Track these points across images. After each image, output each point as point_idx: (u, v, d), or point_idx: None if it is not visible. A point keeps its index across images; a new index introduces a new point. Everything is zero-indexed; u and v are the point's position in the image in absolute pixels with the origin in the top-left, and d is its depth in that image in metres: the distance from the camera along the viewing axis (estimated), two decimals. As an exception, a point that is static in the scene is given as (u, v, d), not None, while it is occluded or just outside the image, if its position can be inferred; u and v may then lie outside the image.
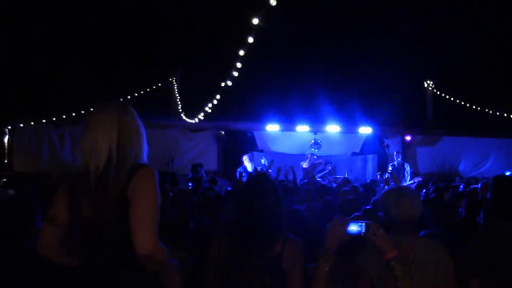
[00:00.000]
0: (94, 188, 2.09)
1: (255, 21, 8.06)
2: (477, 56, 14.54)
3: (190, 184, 8.70)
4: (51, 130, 12.47)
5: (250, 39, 8.85)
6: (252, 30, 8.35)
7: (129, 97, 13.04)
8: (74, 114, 12.35)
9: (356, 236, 2.25)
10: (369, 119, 14.04)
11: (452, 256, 2.69)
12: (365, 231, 2.21)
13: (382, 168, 13.53)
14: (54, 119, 12.37)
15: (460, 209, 6.23)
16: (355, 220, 2.28)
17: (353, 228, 2.22)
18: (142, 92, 13.32)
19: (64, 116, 12.40)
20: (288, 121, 13.91)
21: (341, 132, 14.20)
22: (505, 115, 13.81)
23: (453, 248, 3.71)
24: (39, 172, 11.79)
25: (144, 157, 2.24)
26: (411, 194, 2.55)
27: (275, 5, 7.50)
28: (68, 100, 12.98)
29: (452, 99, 14.73)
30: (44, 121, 12.35)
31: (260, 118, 13.84)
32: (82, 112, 12.11)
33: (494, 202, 3.04)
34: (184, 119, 13.39)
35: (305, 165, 12.18)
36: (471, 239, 2.92)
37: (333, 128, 13.84)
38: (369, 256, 2.43)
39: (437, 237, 4.60)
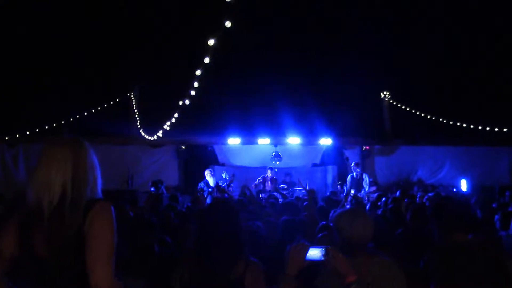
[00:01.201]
0: (48, 225, 2.06)
1: (211, 42, 8.07)
2: (431, 67, 14.99)
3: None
4: (4, 150, 12.09)
5: (207, 60, 8.86)
6: (209, 50, 8.36)
7: (86, 113, 12.80)
8: (28, 133, 12.00)
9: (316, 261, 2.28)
10: (328, 130, 14.24)
11: (407, 270, 2.76)
12: (325, 255, 2.24)
13: (342, 178, 13.74)
14: (7, 138, 11.98)
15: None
16: (315, 245, 2.31)
17: (313, 253, 2.25)
18: (99, 108, 13.08)
19: (17, 135, 12.03)
20: (249, 134, 13.94)
21: (302, 144, 14.34)
22: (458, 124, 14.29)
23: (408, 261, 3.81)
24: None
25: (99, 191, 2.23)
26: (363, 215, 2.61)
27: (231, 26, 7.52)
28: (22, 119, 12.59)
29: (407, 109, 15.13)
30: (-3, 140, 11.97)
31: (221, 131, 13.82)
32: (37, 130, 11.81)
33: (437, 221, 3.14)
34: (144, 136, 13.22)
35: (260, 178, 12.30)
36: (429, 253, 2.99)
37: (293, 140, 13.96)
38: (327, 280, 2.47)
39: (393, 250, 4.72)
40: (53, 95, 13.30)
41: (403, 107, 15.16)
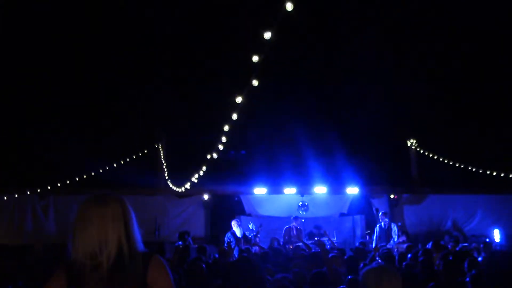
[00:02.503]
0: (108, 279, 2.17)
1: (239, 99, 8.30)
2: (458, 113, 14.93)
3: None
4: (35, 201, 12.37)
5: (235, 116, 9.09)
6: (237, 107, 8.59)
7: (115, 165, 13.07)
8: (59, 185, 12.29)
9: None
10: (355, 179, 14.14)
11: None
12: None
13: (370, 228, 13.51)
14: (38, 190, 12.28)
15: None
16: None
17: None
18: (128, 159, 13.35)
19: (48, 187, 12.33)
20: (275, 184, 13.95)
21: (328, 193, 14.23)
22: (488, 172, 14.00)
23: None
24: (21, 244, 11.62)
25: (142, 244, 2.36)
26: (390, 273, 2.58)
27: (258, 84, 7.74)
28: (53, 171, 12.94)
29: (435, 157, 14.94)
30: (28, 192, 12.25)
31: (247, 181, 13.88)
32: (68, 182, 12.08)
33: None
34: (171, 186, 13.38)
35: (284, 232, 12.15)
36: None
37: (320, 189, 13.88)
38: None
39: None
40: (82, 146, 13.69)
41: (430, 154, 14.98)
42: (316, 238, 12.39)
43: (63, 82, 13.71)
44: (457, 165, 14.53)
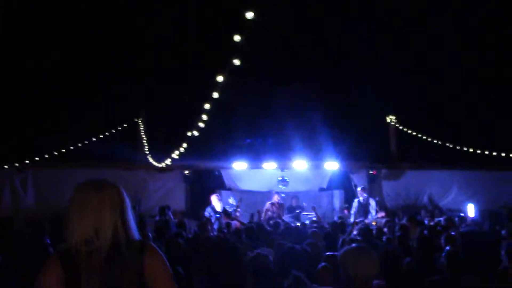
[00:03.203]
0: (103, 267, 2.15)
1: (220, 78, 8.25)
2: (437, 91, 15.08)
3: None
4: (13, 175, 12.21)
5: (216, 95, 9.05)
6: (217, 86, 8.55)
7: (94, 138, 12.94)
8: (37, 159, 12.13)
9: None
10: (335, 154, 14.26)
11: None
12: None
13: (349, 202, 13.71)
14: (16, 164, 12.11)
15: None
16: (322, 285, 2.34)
17: None
18: (107, 134, 13.21)
19: (27, 161, 12.17)
20: (255, 159, 13.99)
21: (308, 168, 14.35)
22: (465, 148, 14.27)
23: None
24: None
25: (137, 232, 2.36)
26: (368, 253, 2.63)
27: (241, 59, 7.70)
28: (31, 145, 12.75)
29: (414, 133, 15.14)
30: (6, 166, 12.08)
31: (227, 156, 13.89)
32: (46, 156, 11.93)
33: (461, 256, 3.14)
34: (151, 161, 13.32)
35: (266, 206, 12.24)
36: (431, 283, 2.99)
37: (300, 165, 13.98)
38: None
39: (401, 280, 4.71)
40: (62, 120, 13.49)
41: (409, 131, 15.16)
42: (297, 211, 12.55)
43: (42, 54, 13.42)
44: (435, 141, 14.76)
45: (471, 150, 14.16)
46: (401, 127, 15.30)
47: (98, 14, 13.54)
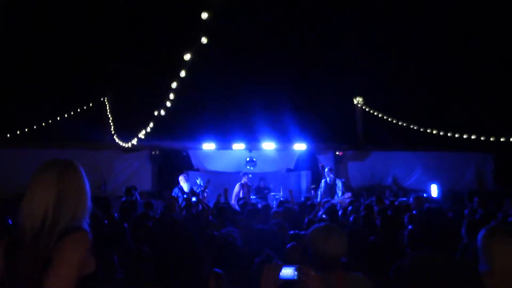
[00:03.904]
0: (28, 249, 2.06)
1: (187, 56, 8.12)
2: (403, 73, 15.31)
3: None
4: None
5: (183, 73, 8.91)
6: (185, 64, 8.41)
7: (58, 118, 12.63)
8: (8, 136, 11.78)
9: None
10: (302, 136, 14.37)
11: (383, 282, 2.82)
12: (298, 274, 2.29)
13: (316, 184, 13.88)
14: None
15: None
16: (288, 264, 2.35)
17: (287, 272, 2.29)
18: (72, 113, 12.92)
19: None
20: (223, 140, 13.96)
21: (276, 149, 14.42)
22: (428, 130, 14.64)
23: (379, 271, 3.89)
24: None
25: (86, 218, 2.20)
26: (337, 232, 2.67)
27: (208, 38, 7.58)
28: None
29: (380, 115, 15.40)
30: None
31: (195, 137, 13.81)
32: (8, 136, 11.59)
33: (420, 233, 3.21)
34: (117, 141, 13.11)
35: (237, 188, 12.27)
36: (395, 267, 3.06)
37: (268, 145, 14.04)
38: None
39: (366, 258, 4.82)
40: (26, 100, 13.10)
41: (375, 113, 15.41)
42: (265, 192, 12.62)
43: (7, 31, 12.92)
44: (399, 123, 15.07)
45: (434, 132, 14.54)
46: (367, 109, 15.53)
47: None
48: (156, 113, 11.83)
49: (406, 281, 2.94)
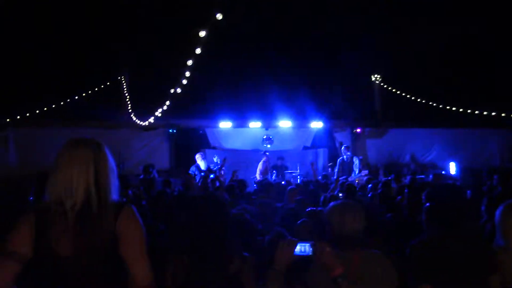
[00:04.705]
0: (74, 227, 2.09)
1: (203, 33, 8.06)
2: (421, 49, 15.01)
3: (141, 187, 8.51)
4: (-7, 134, 12.01)
5: (198, 50, 8.87)
6: (200, 41, 8.36)
7: (76, 97, 12.71)
8: (18, 117, 11.91)
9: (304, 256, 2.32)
10: (319, 113, 14.27)
11: (399, 259, 2.79)
12: (313, 250, 2.29)
13: (333, 161, 13.83)
14: (-4, 122, 11.92)
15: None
16: (303, 240, 2.35)
17: (301, 248, 2.30)
18: (90, 92, 12.98)
19: (7, 120, 11.95)
20: (240, 118, 13.94)
21: (293, 127, 14.37)
22: (448, 107, 14.38)
23: (400, 249, 3.87)
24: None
25: (117, 193, 2.27)
26: (354, 209, 2.64)
27: (222, 15, 7.50)
28: (12, 103, 12.48)
29: (398, 92, 15.17)
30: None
31: (212, 115, 13.81)
32: (27, 114, 11.72)
33: (433, 211, 3.17)
34: (135, 120, 13.18)
35: (260, 166, 12.32)
36: (412, 245, 3.02)
37: (284, 123, 13.99)
38: (316, 274, 2.49)
39: (383, 236, 4.79)
40: (44, 79, 13.18)
41: (393, 90, 15.18)
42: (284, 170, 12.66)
43: (24, 12, 12.97)
44: (418, 100, 14.82)
45: (453, 108, 14.28)
46: (385, 86, 15.31)
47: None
48: (172, 91, 11.84)
49: (422, 259, 2.93)
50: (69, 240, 2.08)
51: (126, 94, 13.79)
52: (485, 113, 13.94)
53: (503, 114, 13.86)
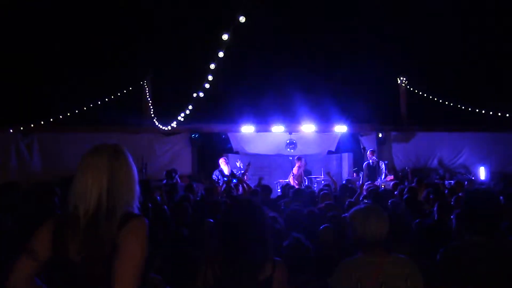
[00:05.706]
0: (83, 234, 2.11)
1: (225, 37, 8.02)
2: (449, 51, 14.71)
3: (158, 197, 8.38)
4: (19, 139, 12.17)
5: (221, 54, 8.84)
6: (222, 44, 8.32)
7: (99, 102, 12.82)
8: (42, 122, 12.08)
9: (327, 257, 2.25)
10: (344, 117, 14.05)
11: (426, 265, 2.65)
12: None
13: (358, 166, 13.59)
14: (21, 128, 12.06)
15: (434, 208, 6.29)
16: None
17: None
18: (112, 96, 13.08)
19: (32, 125, 12.12)
20: (263, 122, 13.83)
21: (316, 132, 14.17)
22: (477, 110, 13.94)
23: (428, 255, 3.69)
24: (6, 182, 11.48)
25: (136, 203, 2.23)
26: (377, 213, 2.56)
27: (245, 18, 7.44)
28: (37, 109, 12.69)
29: (424, 95, 14.81)
30: (11, 130, 12.03)
31: (235, 119, 13.75)
32: (51, 120, 11.85)
33: (467, 217, 3.01)
34: (157, 124, 13.22)
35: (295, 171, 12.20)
36: (443, 251, 2.87)
37: (308, 128, 13.81)
38: (340, 276, 2.47)
39: (412, 242, 4.60)
40: (67, 84, 13.37)
41: (420, 92, 14.83)
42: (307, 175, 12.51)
43: (49, 17, 13.21)
44: (446, 103, 14.44)
45: (482, 111, 13.82)
46: (411, 89, 14.98)
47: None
48: (195, 95, 11.84)
49: (454, 265, 2.77)
50: (78, 246, 2.11)
51: (149, 99, 13.86)
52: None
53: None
